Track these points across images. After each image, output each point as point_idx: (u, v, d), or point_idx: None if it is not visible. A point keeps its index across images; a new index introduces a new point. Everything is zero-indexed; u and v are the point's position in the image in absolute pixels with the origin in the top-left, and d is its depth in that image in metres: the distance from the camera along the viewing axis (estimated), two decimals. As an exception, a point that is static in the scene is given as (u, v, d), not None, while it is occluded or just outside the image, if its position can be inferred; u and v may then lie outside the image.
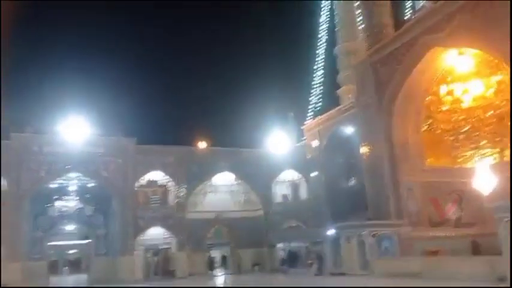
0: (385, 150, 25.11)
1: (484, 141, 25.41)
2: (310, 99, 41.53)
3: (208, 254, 33.09)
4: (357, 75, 27.35)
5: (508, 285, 14.90)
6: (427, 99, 25.06)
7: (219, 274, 31.19)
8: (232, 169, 33.36)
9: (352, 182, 29.91)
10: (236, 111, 48.32)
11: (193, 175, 32.06)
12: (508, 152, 24.64)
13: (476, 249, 22.84)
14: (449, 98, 25.06)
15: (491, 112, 24.31)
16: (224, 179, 33.91)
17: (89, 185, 29.88)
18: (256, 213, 33.66)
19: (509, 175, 20.31)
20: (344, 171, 30.71)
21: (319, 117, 34.20)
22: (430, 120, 25.60)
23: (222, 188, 34.06)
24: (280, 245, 33.02)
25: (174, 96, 53.11)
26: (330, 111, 33.05)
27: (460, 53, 22.60)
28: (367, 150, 26.37)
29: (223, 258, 33.62)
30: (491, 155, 25.06)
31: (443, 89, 24.92)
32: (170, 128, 43.12)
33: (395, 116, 24.98)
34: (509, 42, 17.76)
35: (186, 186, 31.71)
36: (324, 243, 28.76)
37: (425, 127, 25.64)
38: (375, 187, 25.55)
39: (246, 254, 32.82)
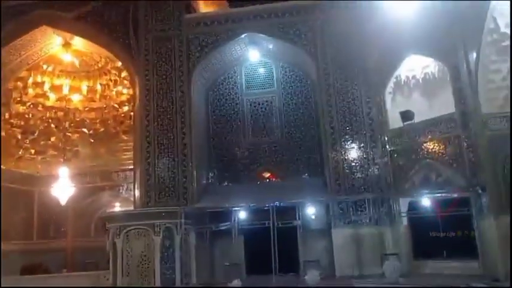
0: None
1: (50, 148, 22.91)
2: None
3: None
4: None
5: None
6: (12, 83, 20.24)
7: None
8: None
9: None
10: None
11: None
12: (73, 165, 23.29)
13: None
14: (34, 91, 21.31)
15: (76, 118, 22.53)
16: None
17: None
18: None
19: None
20: None
21: None
22: (4, 109, 20.56)
23: None
24: None
25: None
26: None
27: (65, 46, 19.98)
28: None
29: None
30: (55, 163, 22.72)
31: (33, 78, 20.97)
32: None
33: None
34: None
35: None
36: None
37: (-2, 116, 20.30)
38: None
39: None
